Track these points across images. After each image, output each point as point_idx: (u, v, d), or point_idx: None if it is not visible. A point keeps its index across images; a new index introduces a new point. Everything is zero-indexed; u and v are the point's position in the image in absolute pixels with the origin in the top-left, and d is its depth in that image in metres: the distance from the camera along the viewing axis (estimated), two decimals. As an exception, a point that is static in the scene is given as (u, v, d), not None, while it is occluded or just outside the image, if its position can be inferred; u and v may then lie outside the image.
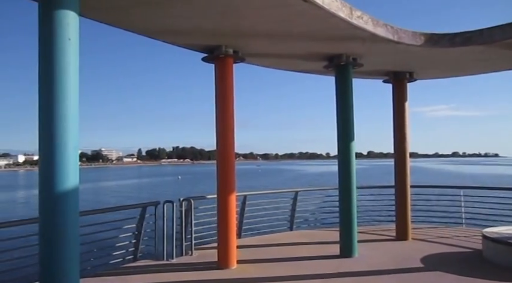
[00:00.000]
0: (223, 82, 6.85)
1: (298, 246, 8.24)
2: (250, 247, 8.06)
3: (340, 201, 7.55)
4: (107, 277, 6.05)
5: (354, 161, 7.50)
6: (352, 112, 7.54)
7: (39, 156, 3.52)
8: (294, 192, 10.06)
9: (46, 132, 3.49)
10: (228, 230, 6.77)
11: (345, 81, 7.51)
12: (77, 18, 3.67)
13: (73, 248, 3.50)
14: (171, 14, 5.20)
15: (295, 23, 5.61)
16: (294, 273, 6.35)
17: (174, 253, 7.23)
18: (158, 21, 5.47)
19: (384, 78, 9.09)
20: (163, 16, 5.28)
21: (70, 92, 3.53)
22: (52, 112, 3.47)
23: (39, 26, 3.61)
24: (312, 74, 9.11)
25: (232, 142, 6.86)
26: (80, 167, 3.66)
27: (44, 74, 3.56)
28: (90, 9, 4.70)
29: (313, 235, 9.31)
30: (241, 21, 5.59)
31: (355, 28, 5.75)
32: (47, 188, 3.45)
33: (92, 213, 6.50)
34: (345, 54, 7.20)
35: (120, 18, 5.34)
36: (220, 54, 6.66)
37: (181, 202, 7.46)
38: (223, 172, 6.82)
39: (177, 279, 6.14)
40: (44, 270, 3.51)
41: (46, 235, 3.47)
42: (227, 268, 6.66)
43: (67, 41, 3.55)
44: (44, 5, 3.60)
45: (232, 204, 6.87)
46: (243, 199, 8.89)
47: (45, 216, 3.48)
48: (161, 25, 5.66)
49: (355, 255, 7.30)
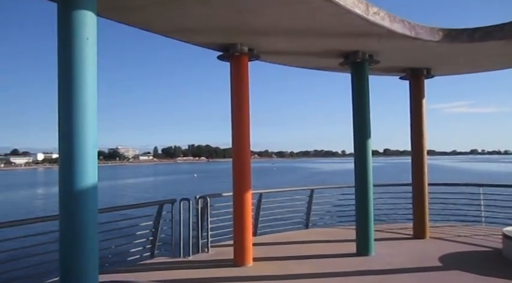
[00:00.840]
0: (238, 80, 6.86)
1: (314, 244, 8.21)
2: (266, 245, 8.07)
3: (357, 199, 7.50)
4: (124, 274, 6.13)
5: (370, 159, 7.43)
6: (369, 109, 7.47)
7: (59, 154, 3.58)
8: (309, 190, 10.03)
9: (65, 131, 3.54)
10: (244, 228, 6.79)
11: (361, 78, 7.44)
12: (95, 18, 3.71)
13: (92, 245, 3.55)
14: (187, 13, 5.23)
15: (310, 20, 5.58)
16: (310, 271, 6.34)
17: (191, 251, 7.29)
18: (174, 20, 5.50)
19: (400, 75, 8.98)
20: (179, 15, 5.31)
21: (88, 91, 3.57)
22: (71, 111, 3.52)
23: (58, 26, 3.66)
24: (328, 71, 9.07)
25: (247, 141, 6.87)
26: (98, 165, 3.71)
27: (62, 73, 3.61)
28: (107, 9, 4.76)
29: (329, 233, 9.27)
30: (256, 19, 5.58)
31: (371, 24, 5.69)
32: (66, 186, 3.51)
33: (109, 211, 6.59)
34: (361, 51, 7.14)
35: (137, 18, 5.39)
36: (235, 52, 6.67)
37: (198, 200, 7.51)
38: (239, 170, 6.84)
39: (193, 276, 6.19)
40: (64, 266, 3.57)
41: (66, 232, 3.53)
42: (243, 266, 6.68)
43: (85, 40, 3.59)
44: (62, 6, 3.64)
45: (248, 202, 6.89)
46: (259, 197, 8.91)
47: (65, 214, 3.54)
48: (177, 24, 5.69)
49: (371, 253, 7.25)
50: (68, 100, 3.53)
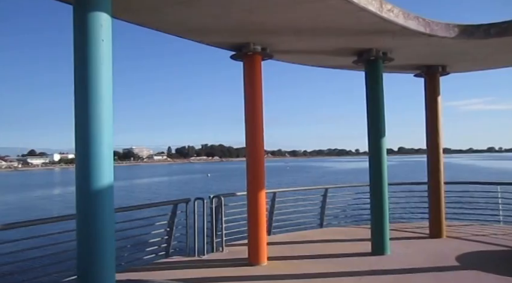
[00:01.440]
0: (251, 79, 6.86)
1: (329, 243, 8.18)
2: (281, 244, 8.07)
3: (371, 197, 7.44)
4: (140, 273, 6.18)
5: (385, 157, 7.37)
6: (383, 107, 7.41)
7: (76, 154, 3.62)
8: (323, 189, 9.98)
9: (82, 131, 3.59)
10: (258, 227, 6.80)
11: (375, 76, 7.38)
12: (110, 19, 3.76)
13: (109, 243, 3.60)
14: (200, 13, 5.24)
15: (324, 18, 5.55)
16: (325, 271, 6.31)
17: (205, 250, 7.32)
18: (187, 20, 5.52)
19: (415, 72, 8.88)
20: (192, 15, 5.33)
21: (104, 92, 3.61)
22: (87, 111, 3.56)
23: (74, 28, 3.70)
24: (341, 69, 9.01)
25: (261, 140, 6.87)
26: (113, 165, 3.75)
27: (78, 74, 3.66)
28: (121, 11, 4.80)
29: (344, 232, 9.22)
30: (269, 18, 5.57)
31: (385, 22, 5.63)
32: (83, 186, 3.55)
33: (125, 210, 6.65)
34: (375, 49, 7.07)
35: (150, 19, 5.43)
36: (248, 51, 6.67)
37: (212, 199, 7.54)
38: (253, 170, 6.84)
39: (208, 275, 6.22)
40: (81, 265, 3.62)
41: (83, 231, 3.58)
42: (258, 265, 6.68)
43: (100, 42, 3.63)
44: (78, 7, 3.69)
45: (262, 201, 6.89)
46: (273, 196, 8.90)
47: (82, 213, 3.58)
48: (190, 24, 5.71)
49: (387, 252, 7.18)
50: (84, 101, 3.58)
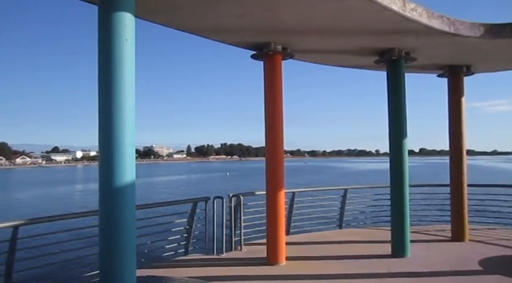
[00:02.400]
0: (272, 79, 6.86)
1: (348, 245, 8.12)
2: (299, 245, 8.05)
3: (392, 199, 7.35)
4: (159, 270, 6.26)
5: (406, 158, 7.26)
6: (405, 108, 7.30)
7: (99, 152, 3.69)
8: (343, 189, 9.91)
9: (105, 129, 3.66)
10: (277, 227, 6.79)
11: (397, 76, 7.28)
12: (133, 19, 3.81)
13: (130, 240, 3.65)
14: (221, 13, 5.27)
15: (346, 18, 5.51)
16: (344, 272, 6.27)
17: (224, 248, 7.36)
18: (209, 20, 5.56)
19: (438, 72, 8.72)
20: (213, 15, 5.36)
21: (127, 90, 3.67)
22: (110, 109, 3.63)
23: (98, 28, 3.78)
24: (363, 69, 8.92)
25: (281, 140, 6.87)
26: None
27: (102, 73, 3.72)
28: (144, 11, 4.87)
29: (363, 233, 9.13)
30: (290, 17, 5.57)
31: (408, 21, 5.55)
32: (106, 183, 3.62)
33: (146, 207, 6.74)
34: (397, 48, 6.98)
35: (172, 18, 5.48)
36: (269, 51, 6.67)
37: (231, 198, 7.58)
38: (272, 169, 6.84)
39: (227, 274, 6.25)
40: (103, 261, 3.68)
41: (105, 227, 3.64)
42: (276, 265, 6.68)
43: (124, 41, 3.69)
44: (103, 8, 3.76)
45: (281, 200, 6.89)
46: (292, 196, 8.89)
47: (105, 210, 3.65)
48: (211, 24, 5.75)
49: (407, 255, 7.08)
50: (107, 99, 3.64)
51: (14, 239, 5.02)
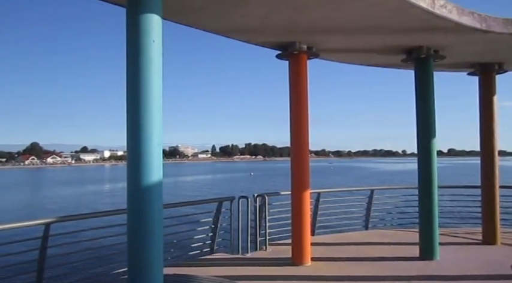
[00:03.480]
0: (297, 79, 6.83)
1: (375, 246, 8.00)
2: (324, 245, 7.98)
3: (420, 200, 7.19)
4: (185, 268, 6.32)
5: (435, 159, 7.10)
6: (434, 107, 7.13)
7: (127, 152, 3.76)
8: (369, 190, 9.76)
9: (133, 129, 3.71)
10: (302, 227, 6.76)
11: (426, 75, 7.12)
12: (160, 21, 3.86)
13: (157, 238, 3.70)
14: (247, 13, 5.28)
15: (372, 16, 5.43)
16: (370, 274, 6.18)
17: (249, 248, 7.38)
18: (234, 20, 5.58)
19: (468, 71, 8.48)
20: (238, 15, 5.38)
21: (154, 91, 3.72)
22: (138, 110, 3.68)
23: (127, 29, 3.84)
24: (389, 68, 8.77)
25: (306, 140, 6.83)
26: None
27: (130, 74, 3.78)
28: (171, 12, 4.92)
29: (390, 235, 8.98)
30: (315, 16, 5.52)
31: (437, 18, 5.42)
32: (134, 182, 3.68)
33: (172, 206, 6.83)
34: (426, 46, 6.82)
35: (198, 19, 5.53)
36: (294, 50, 6.64)
37: (256, 198, 7.58)
38: (298, 169, 6.81)
39: (252, 273, 6.26)
40: (131, 258, 3.75)
41: (134, 225, 3.70)
42: (301, 265, 6.65)
43: (151, 42, 3.74)
44: (131, 10, 3.82)
45: (306, 201, 6.85)
46: (317, 197, 8.82)
47: (133, 208, 3.71)
48: (236, 24, 5.77)
49: (436, 258, 6.92)
50: (135, 99, 3.70)
51: (46, 236, 5.17)
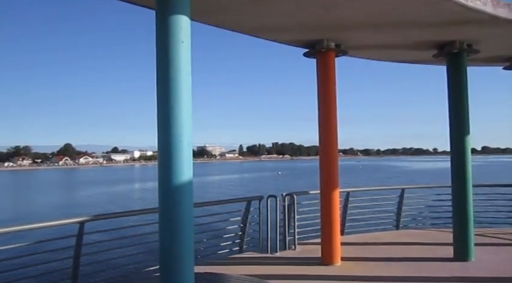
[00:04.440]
0: (325, 77, 6.77)
1: (406, 246, 7.83)
2: (354, 245, 7.88)
3: (454, 199, 6.99)
4: (215, 267, 6.37)
5: (469, 157, 6.88)
6: (467, 104, 6.92)
7: (158, 151, 3.81)
8: (400, 189, 9.56)
9: (163, 129, 3.76)
10: (331, 226, 6.70)
11: (458, 70, 6.91)
12: (189, 22, 3.90)
13: (188, 237, 3.74)
14: (274, 11, 5.27)
15: (402, 11, 5.31)
16: (402, 274, 6.05)
17: (278, 247, 7.36)
18: (261, 19, 5.57)
19: (504, 65, 8.17)
20: (265, 14, 5.37)
21: (184, 91, 3.76)
22: (168, 110, 3.72)
23: (156, 31, 3.90)
24: (420, 64, 8.58)
25: (335, 138, 6.76)
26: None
27: (160, 74, 3.83)
28: (199, 13, 4.96)
29: (423, 235, 8.77)
30: (344, 13, 5.45)
31: (471, 11, 5.24)
32: (165, 181, 3.73)
33: (201, 206, 6.89)
34: (458, 41, 6.62)
35: (226, 19, 5.56)
36: (322, 48, 6.58)
37: (284, 197, 7.56)
38: (327, 169, 6.75)
39: (282, 273, 6.24)
40: (163, 256, 3.80)
41: (165, 224, 3.75)
42: (331, 265, 6.59)
43: (180, 43, 3.78)
44: (160, 12, 3.88)
45: (335, 200, 6.78)
46: (346, 196, 8.72)
47: (164, 207, 3.76)
48: (264, 23, 5.76)
49: (471, 259, 6.70)
50: (165, 100, 3.75)
51: (81, 234, 5.32)
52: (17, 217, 29.78)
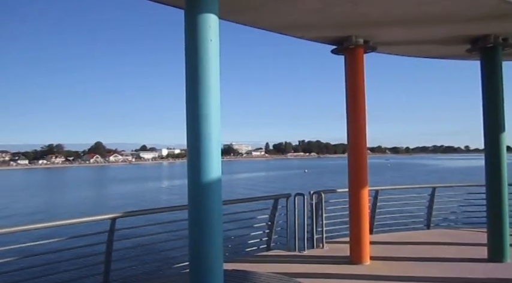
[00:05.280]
0: (354, 74, 6.68)
1: (438, 246, 7.65)
2: (384, 244, 7.76)
3: (488, 198, 6.77)
4: (243, 264, 6.40)
5: (504, 155, 6.65)
6: (502, 100, 6.69)
7: (187, 149, 3.85)
8: (431, 187, 9.35)
9: (192, 127, 3.80)
10: (360, 225, 6.61)
11: (493, 65, 6.69)
12: (217, 20, 3.92)
13: (217, 234, 3.77)
14: (302, 8, 5.23)
15: (434, 5, 5.17)
16: (434, 275, 5.92)
17: (306, 245, 7.33)
18: (289, 16, 5.55)
19: (542, 59, 7.85)
20: (293, 11, 5.34)
21: (212, 89, 3.79)
22: (197, 108, 3.75)
23: (185, 30, 3.94)
24: (451, 59, 8.34)
25: (364, 136, 6.68)
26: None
27: (189, 73, 3.87)
28: (227, 12, 4.99)
29: (455, 235, 8.55)
30: (373, 8, 5.35)
31: (506, 3, 5.05)
32: (194, 178, 3.77)
33: (229, 203, 6.92)
34: (493, 35, 6.39)
35: (253, 18, 5.55)
36: (350, 45, 6.49)
37: (312, 195, 7.52)
38: (355, 167, 6.66)
39: (310, 271, 6.22)
40: (192, 253, 3.84)
41: (194, 220, 3.79)
42: (360, 264, 6.51)
43: (209, 42, 3.81)
44: (189, 11, 3.92)
45: (364, 198, 6.69)
46: (375, 194, 8.60)
47: (193, 204, 3.80)
48: (291, 20, 5.73)
49: (507, 260, 6.49)
50: (194, 98, 3.78)
51: (112, 230, 5.45)
52: (56, 213, 31.09)
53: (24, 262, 5.39)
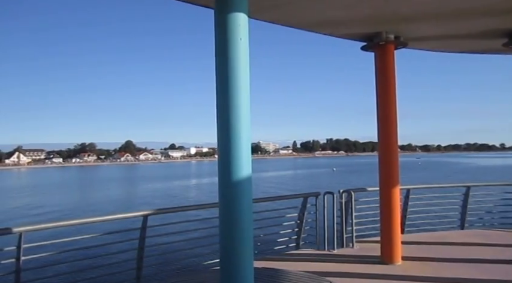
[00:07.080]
0: (384, 71, 6.56)
1: (472, 247, 7.43)
2: (416, 244, 7.60)
3: (526, 198, 6.54)
4: (273, 262, 6.40)
5: (544, 152, 6.40)
6: (542, 95, 6.43)
7: (218, 147, 3.89)
8: (465, 186, 9.08)
9: (223, 125, 3.83)
10: (392, 224, 6.50)
11: (532, 59, 6.43)
12: (247, 19, 3.94)
13: (248, 232, 3.79)
14: (331, 5, 5.18)
15: (467, -1, 5.02)
16: (468, 276, 5.76)
17: (335, 244, 7.27)
18: (317, 13, 5.50)
19: None
20: (320, 8, 5.29)
21: (242, 87, 3.80)
22: (227, 106, 3.78)
23: (215, 29, 3.97)
24: (486, 54, 8.07)
25: (395, 134, 6.55)
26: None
27: (219, 72, 3.90)
28: (256, 11, 4.99)
29: (490, 236, 8.28)
30: (404, 3, 5.24)
31: (548, -6, 4.86)
32: (225, 177, 3.80)
33: (258, 201, 6.95)
34: (532, 28, 6.16)
35: (281, 15, 5.54)
36: (380, 41, 6.38)
37: (342, 194, 7.45)
38: (386, 165, 6.55)
39: (340, 270, 6.16)
40: (223, 250, 3.87)
41: (225, 218, 3.82)
42: (391, 264, 6.40)
43: (238, 40, 3.83)
44: (219, 11, 3.95)
45: (396, 197, 6.57)
46: (406, 193, 8.43)
47: (224, 202, 3.84)
48: (321, 17, 5.68)
49: (546, 262, 6.25)
50: (224, 96, 3.81)
51: (144, 227, 5.57)
52: (89, 210, 32.13)
53: (62, 257, 5.59)
